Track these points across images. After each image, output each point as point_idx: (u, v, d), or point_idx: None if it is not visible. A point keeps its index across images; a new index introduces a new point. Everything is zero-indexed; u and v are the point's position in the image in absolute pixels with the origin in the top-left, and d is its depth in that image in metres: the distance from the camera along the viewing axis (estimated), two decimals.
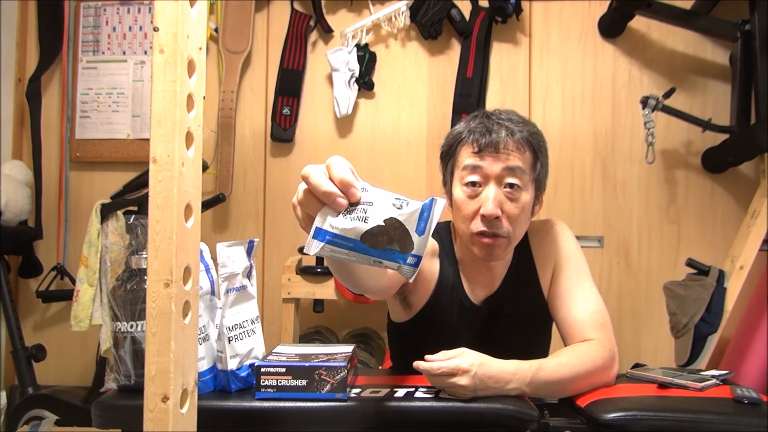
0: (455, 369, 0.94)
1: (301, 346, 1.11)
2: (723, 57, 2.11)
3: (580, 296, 1.19)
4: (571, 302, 1.18)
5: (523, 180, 1.11)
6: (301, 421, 0.94)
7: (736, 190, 2.09)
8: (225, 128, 2.23)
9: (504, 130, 1.12)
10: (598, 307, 1.18)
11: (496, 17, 2.12)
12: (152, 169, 0.76)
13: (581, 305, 1.18)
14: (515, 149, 1.11)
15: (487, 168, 1.11)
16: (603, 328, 1.15)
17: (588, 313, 1.17)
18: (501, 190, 1.11)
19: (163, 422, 0.75)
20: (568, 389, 1.06)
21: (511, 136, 1.12)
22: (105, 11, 2.33)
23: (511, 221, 1.12)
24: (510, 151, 1.11)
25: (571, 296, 1.19)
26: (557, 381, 1.03)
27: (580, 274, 1.21)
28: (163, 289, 0.75)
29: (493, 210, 1.09)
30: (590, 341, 1.13)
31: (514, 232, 1.13)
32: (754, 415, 0.94)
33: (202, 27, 0.83)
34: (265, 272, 2.25)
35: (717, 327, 1.73)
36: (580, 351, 1.09)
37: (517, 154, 1.11)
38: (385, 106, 2.24)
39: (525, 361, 1.02)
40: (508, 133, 1.12)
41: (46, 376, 2.15)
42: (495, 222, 1.10)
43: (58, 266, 2.22)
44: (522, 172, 1.11)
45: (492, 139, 1.11)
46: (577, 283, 1.20)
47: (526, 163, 1.12)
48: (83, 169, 2.33)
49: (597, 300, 1.19)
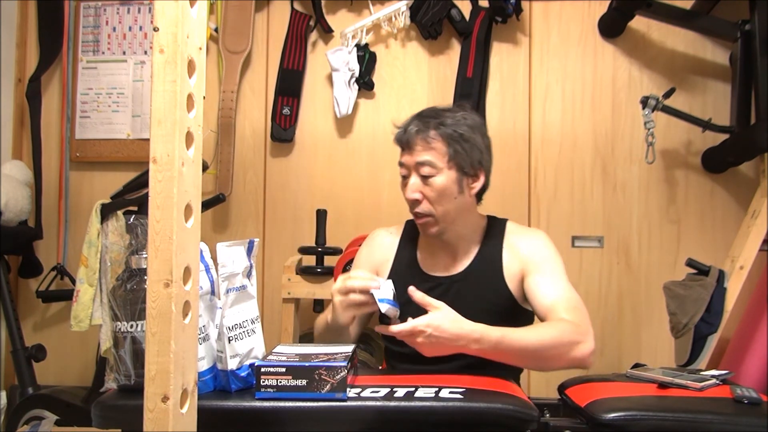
0: (412, 330, 1.07)
1: (301, 346, 1.11)
2: (723, 57, 2.11)
3: (554, 286, 1.29)
4: (546, 291, 1.29)
5: (434, 169, 1.31)
6: (301, 421, 0.94)
7: (736, 190, 2.09)
8: (225, 128, 2.23)
9: (416, 128, 1.33)
10: (572, 294, 1.28)
11: (496, 17, 2.11)
12: (152, 169, 0.76)
13: (555, 292, 1.28)
14: (421, 143, 1.32)
15: (406, 163, 1.35)
16: (576, 310, 1.24)
17: (562, 298, 1.26)
18: (419, 179, 1.33)
19: (163, 422, 0.75)
20: (535, 359, 1.16)
21: (419, 133, 1.32)
22: (105, 11, 2.33)
23: (432, 202, 1.33)
24: (418, 147, 1.32)
25: (546, 286, 1.29)
26: (522, 349, 1.13)
27: (555, 271, 1.32)
28: (163, 289, 0.75)
29: (410, 194, 1.33)
30: (562, 320, 1.21)
31: (437, 210, 1.33)
32: (754, 415, 0.94)
33: (202, 27, 0.83)
34: (265, 272, 2.25)
35: (717, 327, 1.73)
36: (549, 325, 1.22)
37: (422, 148, 1.32)
38: (385, 106, 2.24)
39: (494, 327, 1.12)
40: (417, 131, 1.33)
41: (46, 376, 2.15)
42: (417, 204, 1.33)
43: (58, 266, 2.22)
44: (430, 164, 1.31)
45: (404, 138, 1.35)
46: (552, 278, 1.31)
47: (435, 154, 1.31)
48: (83, 169, 2.33)
49: (571, 290, 1.29)
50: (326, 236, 2.04)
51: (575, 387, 1.12)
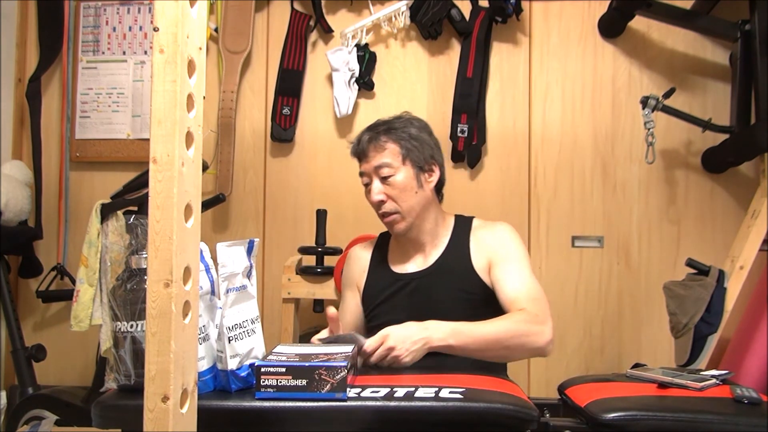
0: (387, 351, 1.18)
1: (301, 346, 1.11)
2: (723, 57, 2.11)
3: (516, 277, 1.38)
4: (508, 282, 1.37)
5: (391, 169, 1.42)
6: (301, 421, 0.94)
7: (736, 190, 2.09)
8: (225, 128, 2.23)
9: (367, 137, 1.45)
10: (533, 285, 1.37)
11: (496, 17, 2.11)
12: (152, 169, 0.76)
13: (517, 284, 1.37)
14: (374, 149, 1.43)
15: (366, 171, 1.46)
16: (535, 301, 1.32)
17: (523, 289, 1.35)
18: (380, 181, 1.43)
19: (163, 422, 0.75)
20: (496, 350, 1.24)
21: (370, 141, 1.44)
22: (105, 11, 2.33)
23: (395, 199, 1.43)
24: (372, 153, 1.44)
25: (508, 278, 1.38)
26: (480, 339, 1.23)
27: (518, 262, 1.41)
28: (163, 289, 0.75)
29: (375, 197, 1.43)
30: (521, 310, 1.29)
31: (402, 206, 1.43)
32: (754, 415, 0.94)
33: (202, 27, 0.83)
34: (265, 272, 2.24)
35: (717, 327, 1.73)
36: (507, 317, 1.30)
37: (377, 153, 1.43)
38: (385, 106, 2.23)
39: (444, 322, 1.24)
40: (368, 139, 1.45)
41: (46, 376, 2.15)
42: (382, 204, 1.43)
43: (58, 266, 2.22)
44: (387, 165, 1.42)
45: (359, 149, 1.47)
46: (515, 269, 1.39)
47: (389, 155, 1.42)
48: (83, 169, 2.33)
49: (533, 281, 1.38)
50: (326, 236, 2.04)
51: (575, 387, 1.12)
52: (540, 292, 1.36)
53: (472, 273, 1.43)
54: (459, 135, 2.13)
